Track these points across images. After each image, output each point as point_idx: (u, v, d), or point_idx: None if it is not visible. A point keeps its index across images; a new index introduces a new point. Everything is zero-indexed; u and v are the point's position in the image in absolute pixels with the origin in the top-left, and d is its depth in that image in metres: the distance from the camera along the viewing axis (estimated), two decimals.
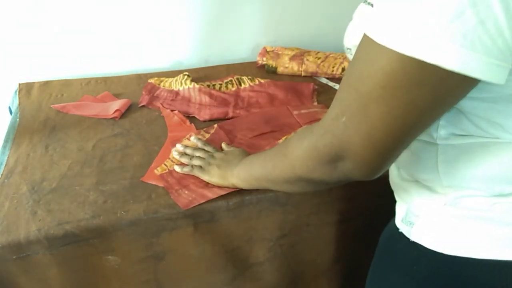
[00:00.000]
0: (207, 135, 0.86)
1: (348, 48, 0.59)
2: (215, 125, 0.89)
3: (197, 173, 0.74)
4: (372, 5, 0.52)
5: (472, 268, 0.50)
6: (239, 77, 1.06)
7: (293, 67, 1.10)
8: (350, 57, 0.58)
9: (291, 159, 0.54)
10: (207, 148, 0.79)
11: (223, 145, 0.81)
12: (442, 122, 0.47)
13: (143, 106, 0.96)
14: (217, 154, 0.75)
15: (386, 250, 0.63)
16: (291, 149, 0.55)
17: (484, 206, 0.48)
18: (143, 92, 1.00)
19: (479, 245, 0.49)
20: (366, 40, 0.40)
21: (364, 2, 0.56)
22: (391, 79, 0.39)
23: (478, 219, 0.49)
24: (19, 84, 1.03)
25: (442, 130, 0.48)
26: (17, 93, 1.00)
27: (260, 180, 0.64)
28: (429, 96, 0.39)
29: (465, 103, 0.44)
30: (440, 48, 0.35)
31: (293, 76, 1.11)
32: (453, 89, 0.39)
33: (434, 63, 0.35)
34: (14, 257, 0.64)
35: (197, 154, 0.77)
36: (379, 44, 0.38)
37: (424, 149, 0.50)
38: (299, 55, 1.11)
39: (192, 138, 0.82)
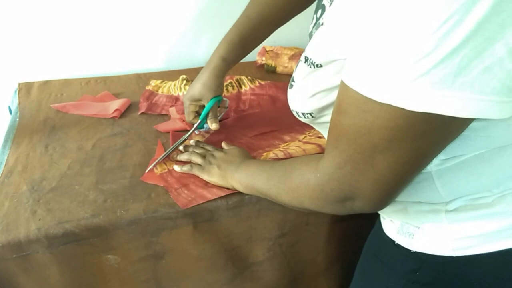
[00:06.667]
0: (207, 135, 0.86)
1: (306, 113, 0.55)
2: None
3: (196, 172, 0.74)
4: (320, 65, 0.47)
5: (478, 263, 0.50)
6: (238, 78, 1.06)
7: (293, 66, 1.10)
8: (305, 119, 0.56)
9: (299, 195, 0.54)
10: (207, 147, 0.79)
11: (223, 144, 0.81)
12: None
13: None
14: (217, 153, 0.75)
15: (375, 260, 0.62)
16: (297, 186, 0.54)
17: (487, 204, 0.49)
18: (141, 100, 0.98)
19: (484, 241, 0.49)
20: (357, 97, 0.38)
21: (305, 62, 0.51)
22: (396, 134, 0.38)
23: (482, 217, 0.49)
24: (19, 84, 1.03)
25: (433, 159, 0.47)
26: (17, 92, 1.00)
27: (264, 195, 0.63)
28: (435, 140, 0.39)
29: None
30: (451, 101, 0.34)
31: None
32: (458, 127, 0.39)
33: (447, 115, 0.34)
34: (14, 256, 0.64)
35: (197, 151, 0.77)
36: (378, 102, 0.36)
37: (419, 178, 0.49)
38: (299, 54, 1.11)
39: (191, 142, 0.82)
